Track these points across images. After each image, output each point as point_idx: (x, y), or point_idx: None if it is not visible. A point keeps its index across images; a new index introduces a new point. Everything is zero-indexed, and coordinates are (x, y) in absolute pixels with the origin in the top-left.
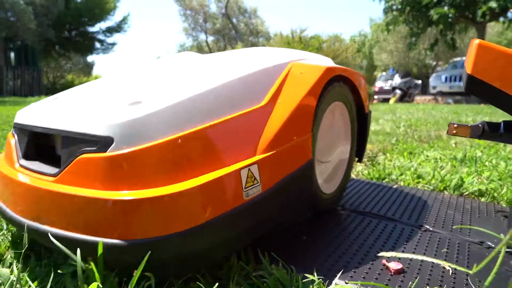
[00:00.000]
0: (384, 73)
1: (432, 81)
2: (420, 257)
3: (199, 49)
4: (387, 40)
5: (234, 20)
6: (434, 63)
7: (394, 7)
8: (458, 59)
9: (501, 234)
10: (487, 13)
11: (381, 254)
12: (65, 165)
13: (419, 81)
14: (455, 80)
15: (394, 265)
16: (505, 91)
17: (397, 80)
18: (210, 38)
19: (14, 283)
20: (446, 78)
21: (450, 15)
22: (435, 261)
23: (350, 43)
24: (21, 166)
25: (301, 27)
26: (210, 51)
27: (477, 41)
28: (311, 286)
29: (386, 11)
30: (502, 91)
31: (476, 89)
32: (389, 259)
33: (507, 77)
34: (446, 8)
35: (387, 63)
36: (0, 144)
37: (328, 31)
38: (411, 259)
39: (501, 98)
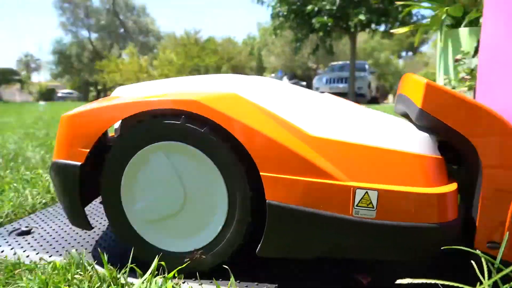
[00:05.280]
0: (273, 75)
1: (315, 82)
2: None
3: (81, 46)
4: (275, 44)
5: (122, 17)
6: (316, 66)
7: (280, 14)
8: (334, 63)
9: None
10: (358, 24)
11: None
12: None
13: (304, 83)
14: (334, 82)
15: (363, 278)
16: (455, 128)
17: (285, 81)
18: (94, 35)
19: None
20: (326, 80)
21: (329, 24)
22: None
23: (243, 46)
24: None
25: (195, 29)
26: (94, 49)
27: (424, 80)
28: None
29: (273, 16)
30: (452, 128)
31: (426, 123)
32: (357, 273)
33: (456, 117)
34: (325, 18)
35: (275, 65)
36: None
37: (220, 34)
38: (382, 270)
39: (451, 134)
